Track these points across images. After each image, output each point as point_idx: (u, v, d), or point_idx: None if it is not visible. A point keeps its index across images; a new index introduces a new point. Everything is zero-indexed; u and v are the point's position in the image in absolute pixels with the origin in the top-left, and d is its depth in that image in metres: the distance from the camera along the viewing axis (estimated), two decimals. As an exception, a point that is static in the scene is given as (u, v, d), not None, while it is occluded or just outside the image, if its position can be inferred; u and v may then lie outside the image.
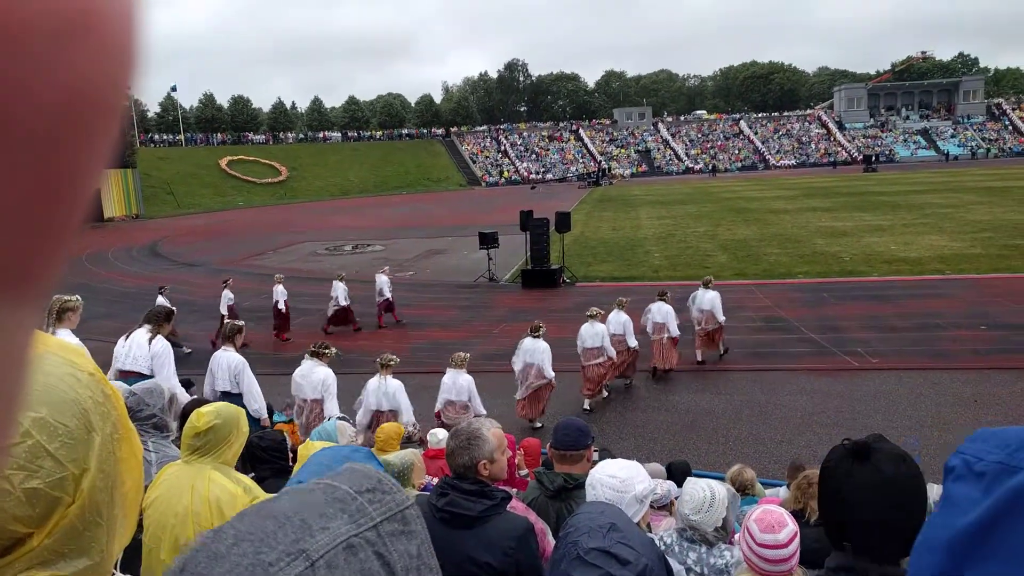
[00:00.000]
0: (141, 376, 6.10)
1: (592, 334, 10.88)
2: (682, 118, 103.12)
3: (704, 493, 3.06)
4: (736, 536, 3.24)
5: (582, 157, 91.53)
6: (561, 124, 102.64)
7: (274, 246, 33.54)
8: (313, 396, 7.48)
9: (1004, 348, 12.63)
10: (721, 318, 12.55)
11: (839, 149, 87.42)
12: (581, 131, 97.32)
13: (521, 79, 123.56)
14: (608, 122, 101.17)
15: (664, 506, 4.67)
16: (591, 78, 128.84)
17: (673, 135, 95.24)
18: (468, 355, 9.35)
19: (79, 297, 6.29)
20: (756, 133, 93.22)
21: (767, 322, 15.32)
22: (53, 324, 5.84)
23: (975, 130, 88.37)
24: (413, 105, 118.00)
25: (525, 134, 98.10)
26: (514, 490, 3.60)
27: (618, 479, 2.64)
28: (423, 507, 2.73)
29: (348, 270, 18.52)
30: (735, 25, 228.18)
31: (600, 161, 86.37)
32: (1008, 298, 15.96)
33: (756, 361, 12.93)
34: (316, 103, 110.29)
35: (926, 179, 53.40)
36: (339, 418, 5.04)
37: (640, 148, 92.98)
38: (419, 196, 72.02)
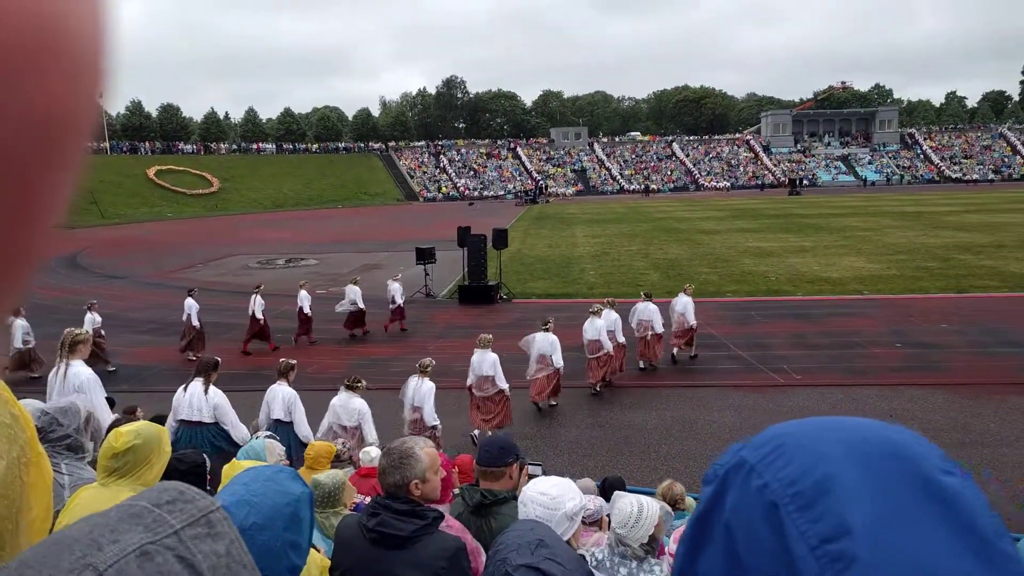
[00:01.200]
0: (202, 425, 6.94)
1: (593, 328, 12.07)
2: (617, 139, 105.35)
3: (631, 508, 3.10)
4: (667, 551, 3.29)
5: (519, 175, 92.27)
6: (499, 142, 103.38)
7: (204, 259, 32.57)
8: (351, 424, 8.07)
9: (917, 365, 13.27)
10: (693, 322, 13.80)
11: (766, 172, 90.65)
12: (519, 149, 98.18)
13: (459, 96, 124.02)
14: (545, 141, 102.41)
15: (596, 522, 4.71)
16: (528, 97, 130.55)
17: (608, 155, 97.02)
18: (491, 336, 10.78)
19: (88, 331, 6.92)
20: (688, 155, 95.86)
21: (697, 339, 15.70)
22: (66, 356, 6.18)
23: (890, 157, 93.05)
24: (350, 119, 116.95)
25: (463, 150, 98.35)
26: (448, 504, 3.57)
27: (549, 496, 2.65)
28: (354, 527, 2.68)
29: (284, 284, 18.12)
30: (668, 52, 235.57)
31: (537, 179, 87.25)
32: (920, 317, 16.80)
33: (686, 378, 13.22)
34: (251, 114, 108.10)
35: (846, 203, 55.87)
36: (267, 436, 4.91)
37: (576, 167, 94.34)
38: (355, 210, 71.17)
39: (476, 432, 10.32)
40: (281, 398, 7.91)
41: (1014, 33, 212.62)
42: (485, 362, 10.26)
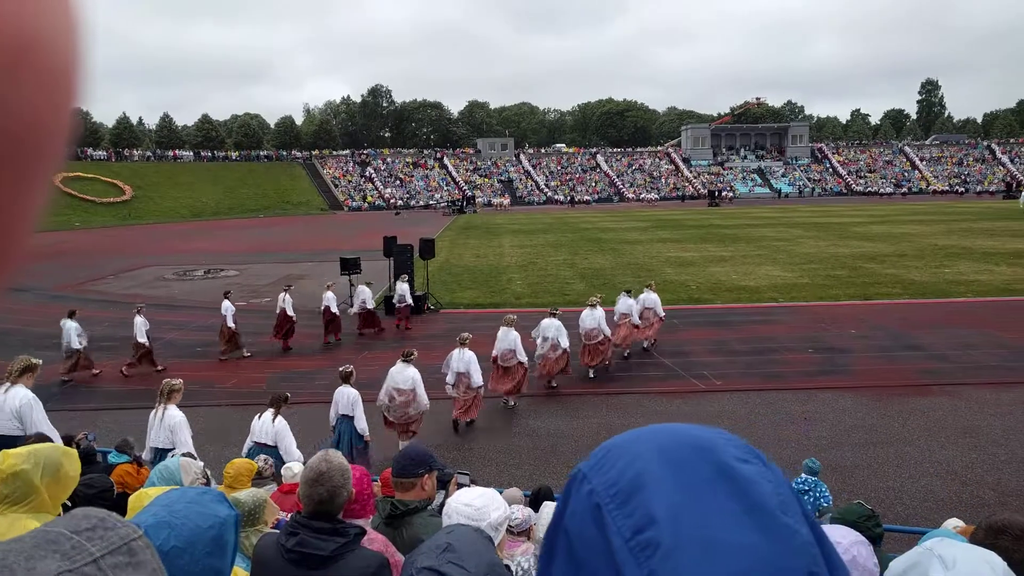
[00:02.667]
0: (268, 447, 7.71)
1: (592, 318, 13.42)
2: (543, 150, 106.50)
3: None
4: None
5: (446, 185, 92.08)
6: (425, 151, 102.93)
7: (115, 270, 31.12)
8: (406, 387, 9.85)
9: (828, 369, 13.89)
10: (662, 313, 15.57)
11: (686, 184, 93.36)
12: (445, 159, 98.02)
13: (385, 105, 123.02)
14: (472, 151, 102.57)
15: (524, 532, 4.72)
16: (455, 107, 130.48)
17: (534, 166, 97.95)
18: (515, 316, 12.62)
19: (41, 361, 7.07)
20: (612, 167, 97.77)
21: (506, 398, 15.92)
22: (13, 379, 6.48)
23: (802, 171, 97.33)
24: (272, 126, 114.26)
25: (389, 160, 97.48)
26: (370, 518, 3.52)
27: (473, 507, 2.65)
28: (272, 547, 2.61)
29: (206, 296, 17.45)
30: (589, 67, 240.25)
31: (464, 189, 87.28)
32: (831, 324, 17.60)
33: (612, 385, 13.44)
34: (166, 120, 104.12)
35: (762, 214, 58.10)
36: (183, 454, 4.72)
37: (503, 178, 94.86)
38: (278, 219, 69.49)
39: (508, 400, 12.20)
40: (346, 397, 9.25)
41: (911, 57, 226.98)
42: (508, 339, 12.01)
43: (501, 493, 5.57)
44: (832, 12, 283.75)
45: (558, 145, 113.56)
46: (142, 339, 14.68)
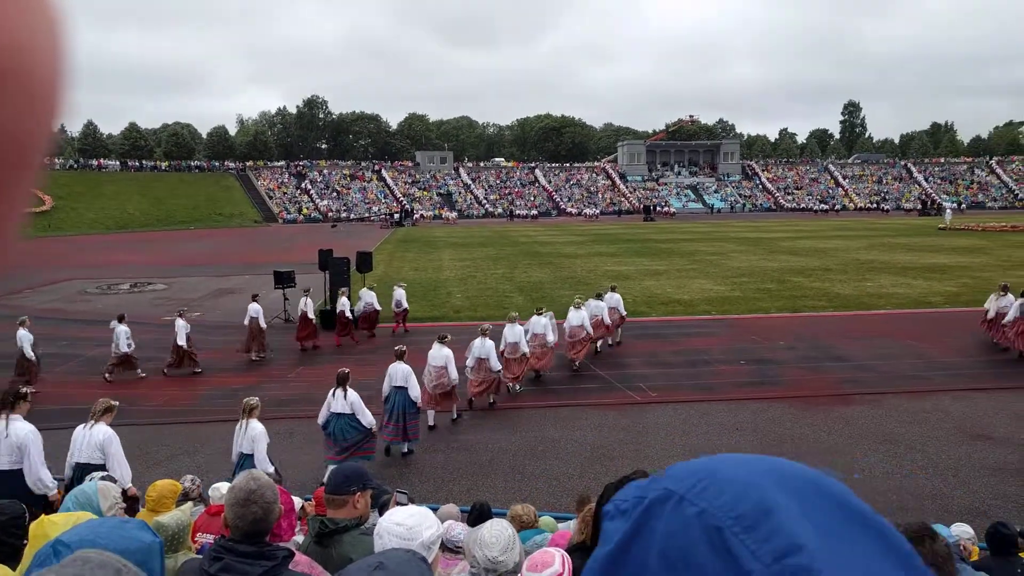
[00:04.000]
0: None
1: (577, 316, 14.89)
2: (482, 164, 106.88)
3: (507, 532, 3.11)
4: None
5: (384, 197, 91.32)
6: (363, 163, 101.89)
7: (32, 283, 29.65)
8: (440, 364, 11.47)
9: (758, 380, 14.29)
10: (623, 312, 17.22)
11: (623, 199, 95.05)
12: (383, 171, 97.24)
13: (322, 116, 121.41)
14: (410, 164, 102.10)
15: (460, 548, 4.68)
16: (393, 120, 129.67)
17: (473, 180, 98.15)
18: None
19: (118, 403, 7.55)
20: (550, 182, 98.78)
21: (559, 360, 16.09)
22: (96, 418, 7.04)
23: (733, 187, 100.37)
24: (204, 136, 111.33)
25: (326, 171, 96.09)
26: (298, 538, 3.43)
27: (404, 527, 2.61)
28: (195, 573, 2.51)
29: (133, 310, 16.77)
30: (525, 82, 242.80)
31: (403, 202, 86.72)
32: (761, 336, 18.13)
33: (549, 398, 13.51)
34: (90, 127, 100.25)
35: (695, 229, 59.59)
36: (102, 478, 4.51)
37: (442, 191, 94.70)
38: (209, 232, 67.58)
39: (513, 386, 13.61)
40: (401, 371, 10.66)
41: (833, 80, 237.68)
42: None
43: (437, 510, 5.51)
44: (753, 36, 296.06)
45: (497, 159, 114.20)
46: (29, 354, 14.05)
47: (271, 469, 7.73)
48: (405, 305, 19.48)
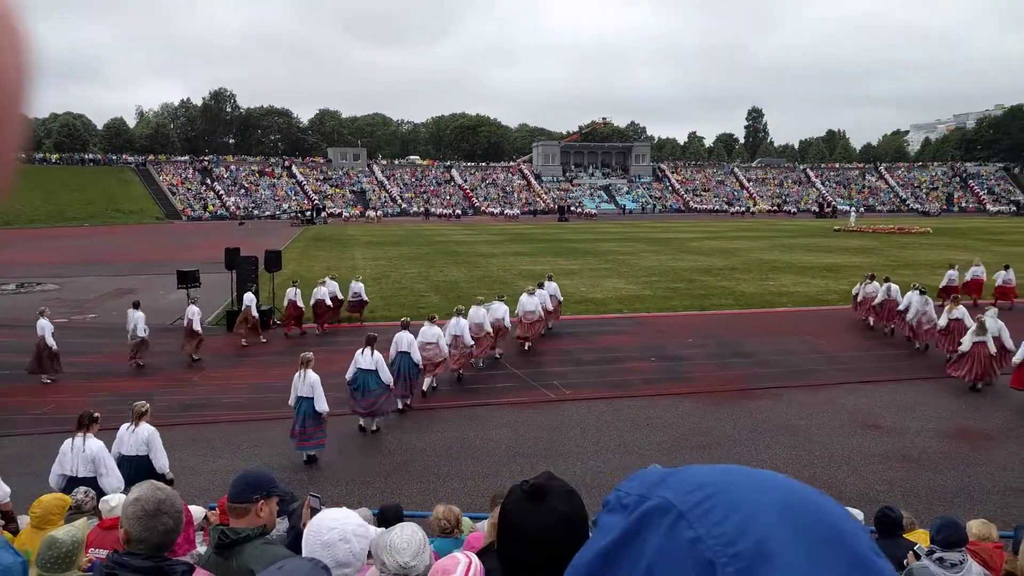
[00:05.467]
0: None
1: (531, 302, 16.53)
2: (396, 162, 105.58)
3: (418, 536, 3.05)
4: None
5: (295, 194, 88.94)
6: (273, 159, 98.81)
7: (-97, 284, 27.28)
8: (432, 340, 12.93)
9: (668, 377, 14.70)
10: (560, 297, 18.97)
11: (538, 199, 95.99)
12: (294, 168, 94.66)
13: (229, 110, 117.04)
14: (322, 161, 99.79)
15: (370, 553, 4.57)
16: (304, 115, 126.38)
17: (388, 177, 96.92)
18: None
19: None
20: (466, 181, 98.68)
21: (475, 359, 16.11)
22: (136, 421, 7.90)
23: (644, 188, 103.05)
24: (100, 128, 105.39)
25: (233, 167, 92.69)
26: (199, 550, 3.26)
27: (364, 527, 2.53)
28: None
29: (18, 313, 15.66)
30: (437, 81, 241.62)
31: (315, 199, 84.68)
32: (670, 333, 18.67)
33: (465, 397, 13.47)
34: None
35: (608, 229, 60.82)
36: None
37: (355, 189, 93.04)
38: (106, 229, 64.05)
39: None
40: (406, 339, 12.34)
41: (737, 87, 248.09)
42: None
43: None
44: (659, 44, 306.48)
45: (412, 157, 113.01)
46: (50, 342, 14.07)
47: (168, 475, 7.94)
48: (364, 297, 20.45)
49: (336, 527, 2.67)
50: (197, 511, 5.38)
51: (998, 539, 5.42)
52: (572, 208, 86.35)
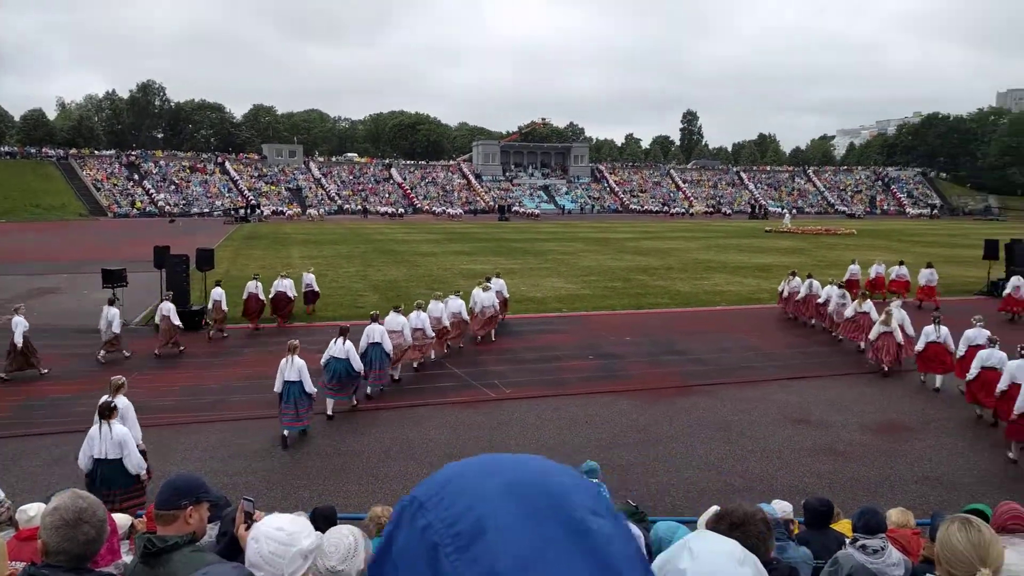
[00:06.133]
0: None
1: (486, 297, 17.24)
2: (334, 159, 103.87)
3: (348, 540, 2.99)
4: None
5: (229, 191, 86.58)
6: (205, 155, 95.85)
7: None
8: (397, 329, 13.80)
9: (606, 375, 14.89)
10: (506, 294, 19.41)
11: (478, 199, 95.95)
12: (227, 164, 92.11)
13: (158, 103, 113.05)
14: (257, 157, 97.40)
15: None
16: (238, 110, 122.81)
17: (325, 175, 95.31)
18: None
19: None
20: (405, 179, 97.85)
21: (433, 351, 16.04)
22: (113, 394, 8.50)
23: (583, 189, 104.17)
24: (17, 119, 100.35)
25: (163, 163, 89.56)
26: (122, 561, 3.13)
27: (285, 532, 2.46)
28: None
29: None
30: (376, 78, 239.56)
31: (249, 197, 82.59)
32: (608, 331, 18.91)
33: (405, 397, 13.35)
34: None
35: (548, 229, 61.23)
36: None
37: (291, 186, 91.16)
38: (25, 225, 61.04)
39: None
40: (378, 330, 13.15)
41: (674, 90, 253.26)
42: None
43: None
44: (597, 48, 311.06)
45: (350, 154, 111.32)
46: (18, 340, 14.12)
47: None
48: (315, 287, 21.20)
49: (257, 525, 2.60)
50: (122, 519, 5.17)
51: (915, 526, 5.68)
52: (513, 208, 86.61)
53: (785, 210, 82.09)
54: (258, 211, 74.27)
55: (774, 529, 3.03)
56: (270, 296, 19.35)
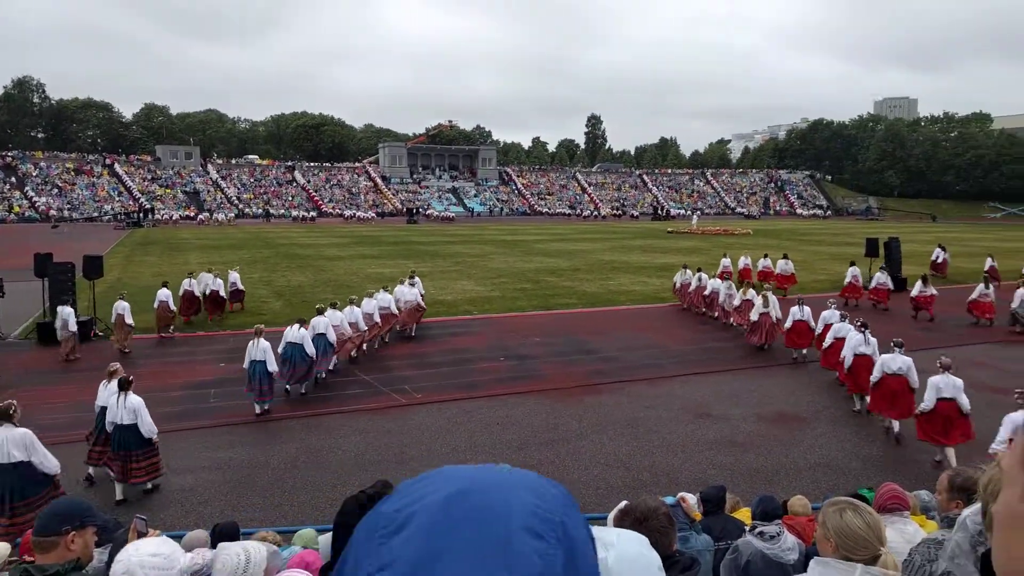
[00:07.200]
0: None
1: (410, 292, 18.65)
2: (233, 161, 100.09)
3: (239, 557, 2.88)
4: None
5: (119, 195, 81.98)
6: (91, 157, 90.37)
7: None
8: (337, 323, 14.79)
9: (517, 376, 14.99)
10: (422, 291, 19.86)
11: (385, 201, 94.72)
12: (117, 166, 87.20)
13: (37, 101, 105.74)
14: (150, 159, 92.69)
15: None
16: (128, 110, 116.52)
17: (224, 177, 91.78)
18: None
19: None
20: (309, 182, 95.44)
21: (365, 343, 15.72)
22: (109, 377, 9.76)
23: (492, 191, 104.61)
24: None
25: (43, 164, 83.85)
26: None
27: (162, 555, 2.34)
28: None
29: None
30: (273, 79, 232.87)
31: (142, 200, 78.49)
32: (518, 333, 19.06)
33: (312, 405, 13.01)
34: None
35: (457, 232, 61.14)
36: None
37: (188, 189, 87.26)
38: None
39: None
40: (323, 322, 14.14)
41: (578, 95, 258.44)
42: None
43: (182, 538, 5.04)
44: (499, 52, 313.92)
45: (251, 156, 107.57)
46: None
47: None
48: (240, 286, 22.06)
49: (123, 559, 2.47)
50: (1, 548, 4.80)
51: (811, 512, 6.01)
52: (428, 211, 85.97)
53: (692, 212, 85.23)
54: (150, 216, 70.67)
55: (676, 521, 3.12)
56: (204, 295, 20.51)
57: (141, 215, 68.35)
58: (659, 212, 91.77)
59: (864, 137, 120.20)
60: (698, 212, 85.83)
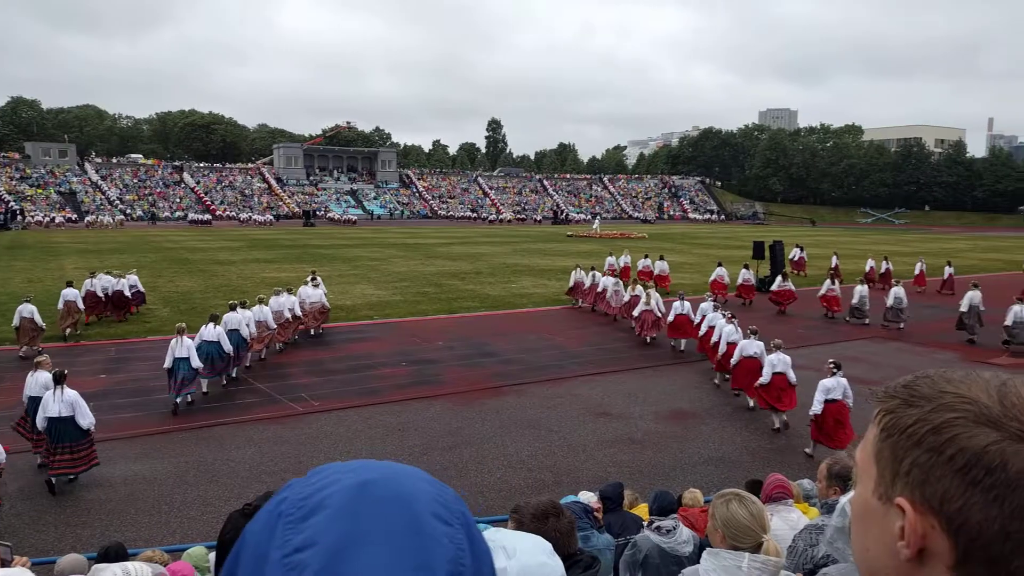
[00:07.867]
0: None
1: (315, 293, 18.90)
2: (115, 160, 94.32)
3: None
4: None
5: (-16, 195, 75.63)
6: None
7: None
8: (261, 319, 15.72)
9: (419, 380, 14.85)
10: (327, 303, 19.55)
11: (281, 204, 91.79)
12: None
13: None
14: (18, 156, 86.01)
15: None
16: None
17: (104, 178, 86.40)
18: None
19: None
20: (199, 183, 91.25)
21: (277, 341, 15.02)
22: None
23: (392, 194, 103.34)
24: None
25: None
26: None
27: None
28: None
29: None
30: (166, 74, 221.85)
31: (9, 201, 72.70)
32: (421, 337, 18.89)
33: (203, 416, 12.41)
34: None
35: (357, 235, 60.01)
36: None
37: (63, 189, 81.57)
38: None
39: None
40: (235, 319, 14.48)
41: (476, 100, 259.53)
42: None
43: (57, 561, 4.68)
44: (395, 55, 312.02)
45: (134, 156, 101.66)
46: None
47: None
48: (140, 288, 21.80)
49: None
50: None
51: (703, 503, 6.23)
52: (328, 214, 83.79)
53: (593, 216, 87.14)
54: (19, 218, 65.57)
55: (577, 521, 3.15)
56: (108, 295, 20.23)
57: (8, 216, 63.29)
58: (559, 216, 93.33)
59: (750, 145, 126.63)
60: (599, 216, 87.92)
